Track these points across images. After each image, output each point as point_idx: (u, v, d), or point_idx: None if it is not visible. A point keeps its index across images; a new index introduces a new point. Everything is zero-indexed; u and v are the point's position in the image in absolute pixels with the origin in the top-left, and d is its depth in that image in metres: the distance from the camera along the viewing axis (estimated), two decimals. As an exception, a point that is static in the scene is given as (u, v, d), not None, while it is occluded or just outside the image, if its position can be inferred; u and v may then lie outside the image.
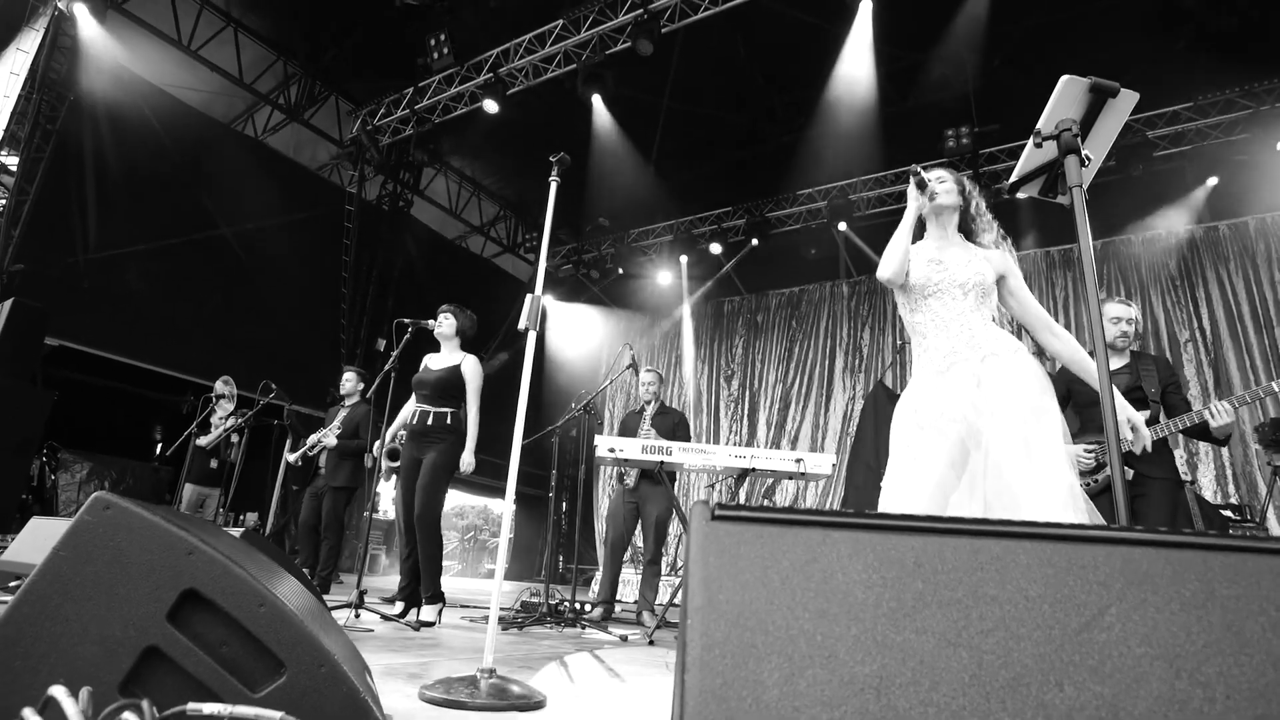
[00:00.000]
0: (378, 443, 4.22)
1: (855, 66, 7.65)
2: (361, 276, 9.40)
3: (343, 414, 5.45)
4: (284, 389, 5.24)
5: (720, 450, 4.11)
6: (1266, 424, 6.49)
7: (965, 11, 7.03)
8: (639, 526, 5.19)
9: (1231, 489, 7.04)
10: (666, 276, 10.48)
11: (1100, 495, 3.37)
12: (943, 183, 2.36)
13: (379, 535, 10.51)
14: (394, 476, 5.50)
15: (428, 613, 3.90)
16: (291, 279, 8.73)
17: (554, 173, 2.82)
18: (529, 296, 2.54)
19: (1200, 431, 3.33)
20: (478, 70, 8.11)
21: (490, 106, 7.89)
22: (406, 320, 4.24)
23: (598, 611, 4.81)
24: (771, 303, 10.66)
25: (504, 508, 2.54)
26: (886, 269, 2.24)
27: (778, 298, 10.65)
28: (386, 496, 11.35)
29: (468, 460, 3.97)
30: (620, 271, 10.65)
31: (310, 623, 1.27)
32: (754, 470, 4.12)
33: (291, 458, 5.48)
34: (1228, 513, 5.52)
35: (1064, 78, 1.95)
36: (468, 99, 8.34)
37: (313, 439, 5.41)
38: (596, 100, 7.82)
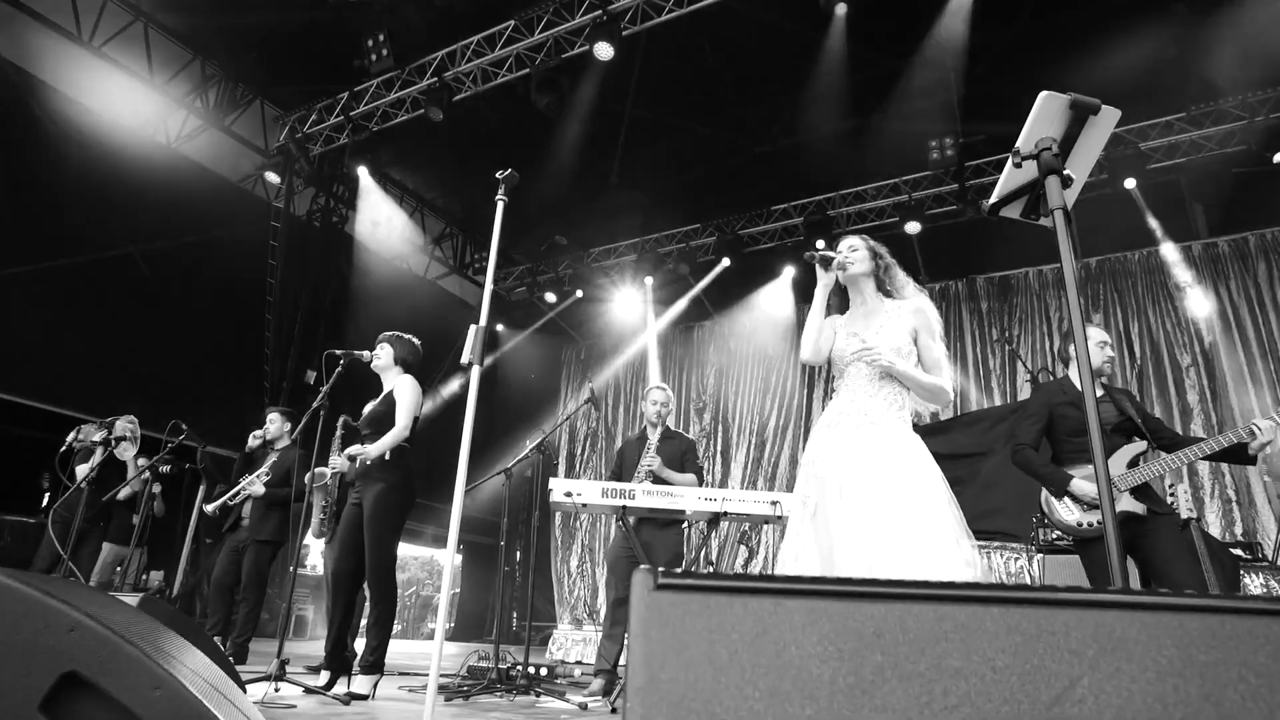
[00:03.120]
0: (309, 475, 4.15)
1: (832, 74, 7.86)
2: (289, 301, 9.28)
3: (272, 458, 5.34)
4: (197, 429, 5.12)
5: (688, 492, 4.12)
6: (1276, 455, 6.72)
7: (948, 14, 7.29)
8: None
9: (1238, 526, 7.25)
10: (630, 299, 10.54)
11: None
12: (854, 250, 2.73)
13: (305, 593, 10.24)
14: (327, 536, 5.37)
15: (361, 684, 3.79)
16: (208, 304, 8.58)
17: (501, 191, 2.86)
18: (472, 328, 2.56)
19: (1232, 452, 3.43)
20: (420, 74, 8.15)
21: (434, 114, 7.92)
22: (338, 351, 4.20)
23: (598, 684, 4.50)
24: (745, 328, 10.76)
25: (445, 558, 2.53)
26: (804, 351, 2.71)
27: (752, 321, 10.75)
28: (315, 550, 11.08)
29: (339, 458, 3.88)
30: (579, 294, 10.68)
31: (216, 705, 1.23)
32: (726, 514, 4.14)
33: (209, 508, 5.34)
34: (1238, 551, 5.65)
35: (1042, 94, 2.04)
36: (409, 106, 8.36)
37: (238, 486, 5.29)
38: (551, 108, 7.87)
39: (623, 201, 9.51)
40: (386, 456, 3.94)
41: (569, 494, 4.26)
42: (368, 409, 4.12)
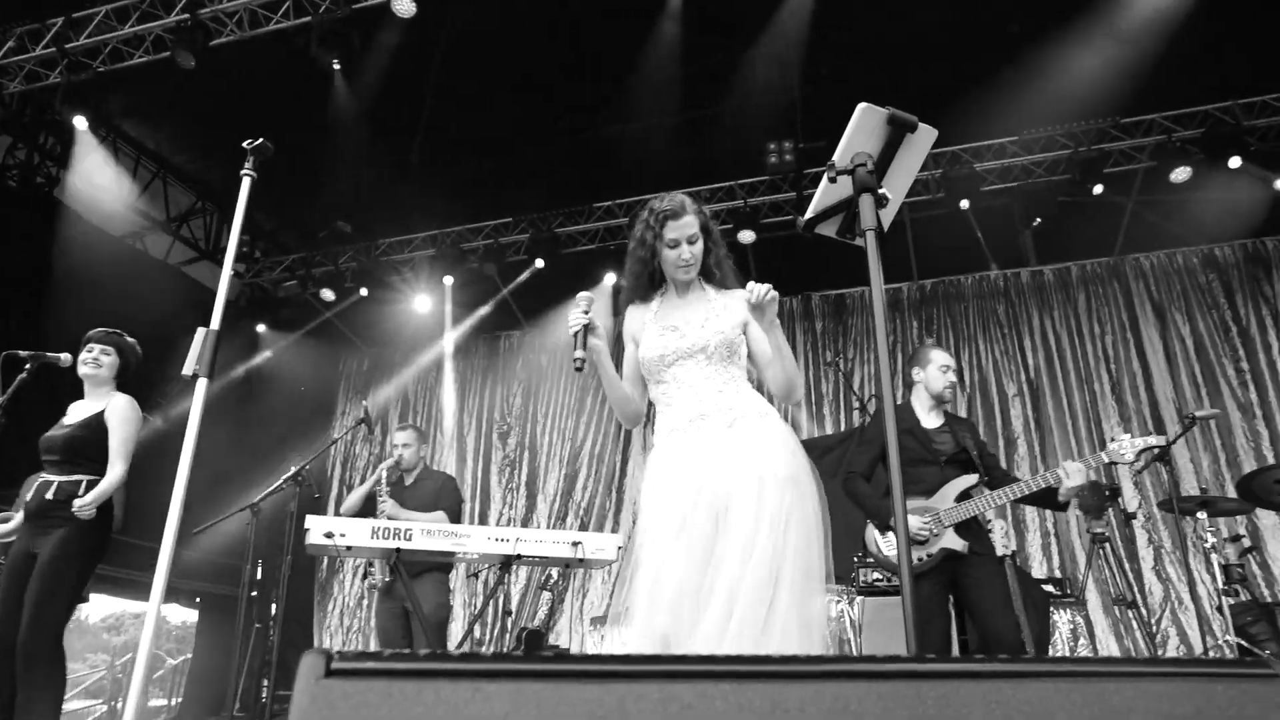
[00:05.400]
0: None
1: (667, 57, 8.10)
2: (-32, 281, 8.24)
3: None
4: None
5: (476, 532, 4.08)
6: (1087, 488, 7.66)
7: (789, 7, 7.74)
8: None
9: (1055, 560, 8.18)
10: (425, 302, 10.28)
11: (930, 573, 3.77)
12: (694, 244, 2.58)
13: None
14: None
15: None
16: None
17: (248, 164, 2.71)
18: (200, 332, 2.43)
19: (1043, 496, 3.88)
20: (167, 8, 7.54)
21: (185, 60, 7.35)
22: (23, 353, 3.80)
23: None
24: (560, 340, 10.80)
25: (147, 610, 2.35)
26: (624, 420, 2.69)
27: (567, 334, 10.80)
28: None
29: (86, 502, 3.55)
30: (364, 293, 10.27)
31: None
32: (519, 556, 4.13)
33: None
34: (1049, 587, 6.36)
35: (860, 106, 2.20)
36: (151, 45, 7.71)
37: None
38: (337, 68, 7.59)
39: (421, 186, 9.27)
40: (80, 493, 3.61)
41: (330, 535, 4.10)
42: (61, 429, 3.73)
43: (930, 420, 4.05)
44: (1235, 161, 7.65)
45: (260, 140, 2.72)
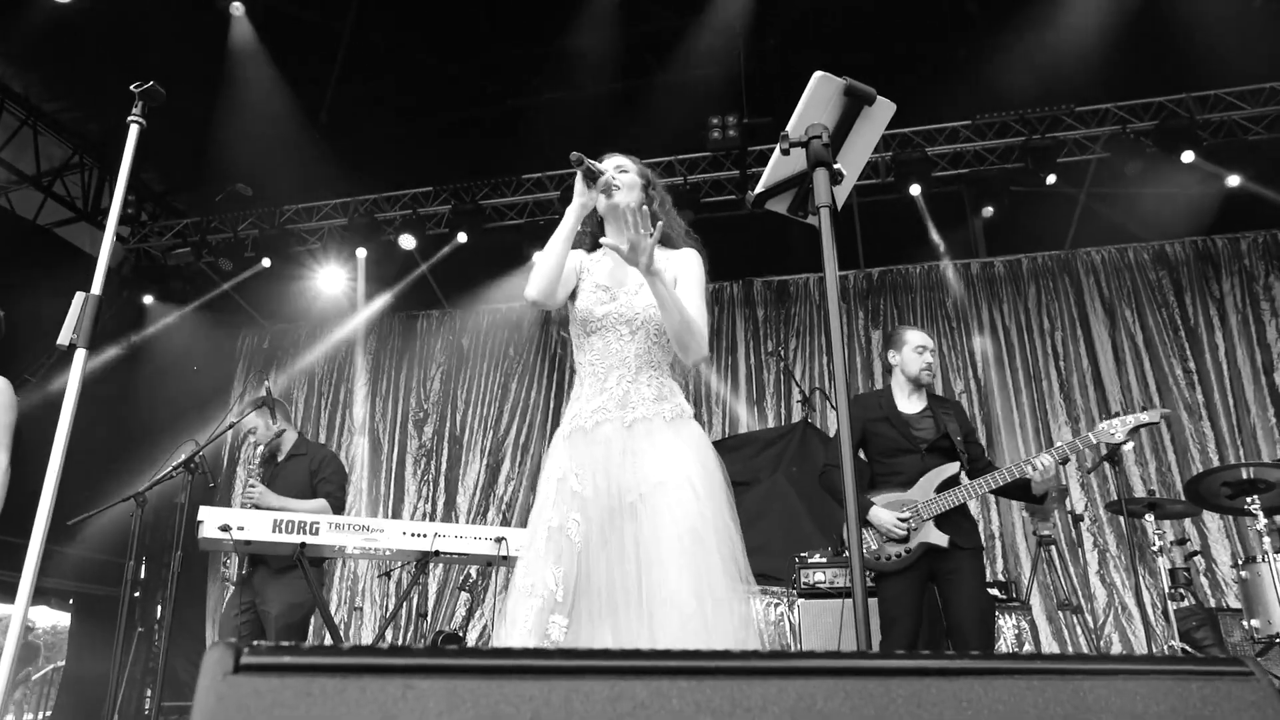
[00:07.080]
0: None
1: (604, 21, 8.06)
2: None
3: None
4: None
5: (390, 527, 4.02)
6: (1056, 486, 7.91)
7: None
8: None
9: (1000, 563, 8.43)
10: (335, 275, 10.07)
11: (904, 571, 3.80)
12: (624, 172, 2.63)
13: None
14: None
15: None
16: None
17: (137, 110, 2.61)
18: (78, 297, 2.35)
19: (1017, 490, 3.93)
20: (40, -67, 7.22)
21: (60, -7, 7.06)
22: None
23: None
24: (483, 321, 10.70)
25: (12, 615, 2.26)
26: (533, 286, 2.44)
27: (491, 314, 10.72)
28: None
29: None
30: (266, 263, 9.99)
31: None
32: (438, 554, 4.08)
33: None
34: (995, 591, 6.55)
35: (816, 74, 2.21)
36: (22, -25, 7.37)
37: None
38: (239, 10, 7.37)
39: (332, 148, 9.06)
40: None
41: (227, 528, 3.98)
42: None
43: (910, 405, 4.05)
44: (1188, 156, 7.93)
45: (151, 84, 2.61)
